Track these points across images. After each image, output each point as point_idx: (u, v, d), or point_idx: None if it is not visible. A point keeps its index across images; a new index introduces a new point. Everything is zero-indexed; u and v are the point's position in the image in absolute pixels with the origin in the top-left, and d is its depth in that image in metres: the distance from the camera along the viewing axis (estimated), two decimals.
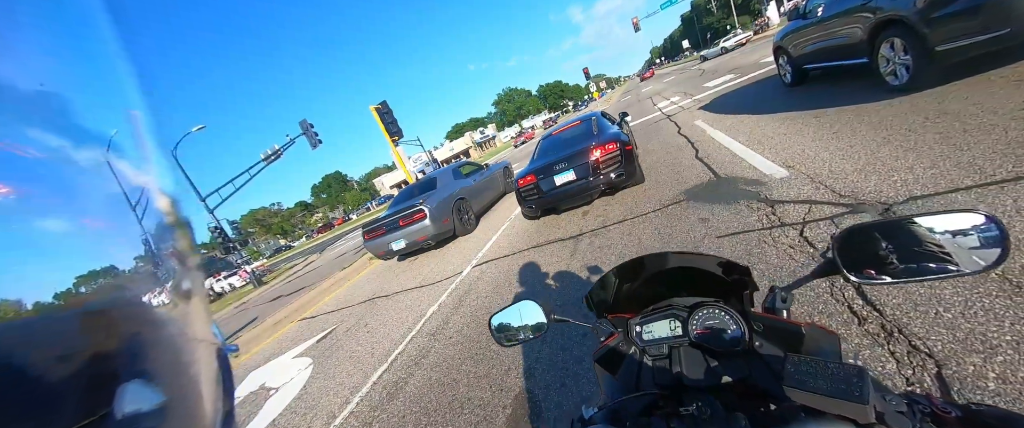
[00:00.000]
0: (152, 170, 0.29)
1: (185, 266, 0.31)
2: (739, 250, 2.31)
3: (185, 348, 0.28)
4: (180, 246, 0.31)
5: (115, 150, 0.26)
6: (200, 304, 0.32)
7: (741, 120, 5.16)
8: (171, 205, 0.31)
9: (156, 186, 0.29)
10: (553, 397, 1.90)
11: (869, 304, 1.53)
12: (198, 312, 0.31)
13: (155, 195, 0.29)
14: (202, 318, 0.32)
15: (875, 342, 1.37)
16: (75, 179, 0.23)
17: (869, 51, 3.83)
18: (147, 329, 0.26)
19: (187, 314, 0.30)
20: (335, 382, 3.23)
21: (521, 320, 0.90)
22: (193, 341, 0.29)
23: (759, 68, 9.20)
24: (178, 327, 0.28)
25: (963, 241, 0.52)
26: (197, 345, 0.30)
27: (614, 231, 3.61)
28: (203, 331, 0.31)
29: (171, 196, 0.31)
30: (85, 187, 0.23)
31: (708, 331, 0.69)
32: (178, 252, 0.30)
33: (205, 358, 0.30)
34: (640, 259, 0.77)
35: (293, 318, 6.57)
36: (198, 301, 0.31)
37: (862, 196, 2.26)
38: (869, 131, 3.10)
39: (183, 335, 0.28)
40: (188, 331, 0.29)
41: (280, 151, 18.04)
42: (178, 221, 0.31)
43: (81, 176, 0.23)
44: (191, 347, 0.29)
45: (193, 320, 0.30)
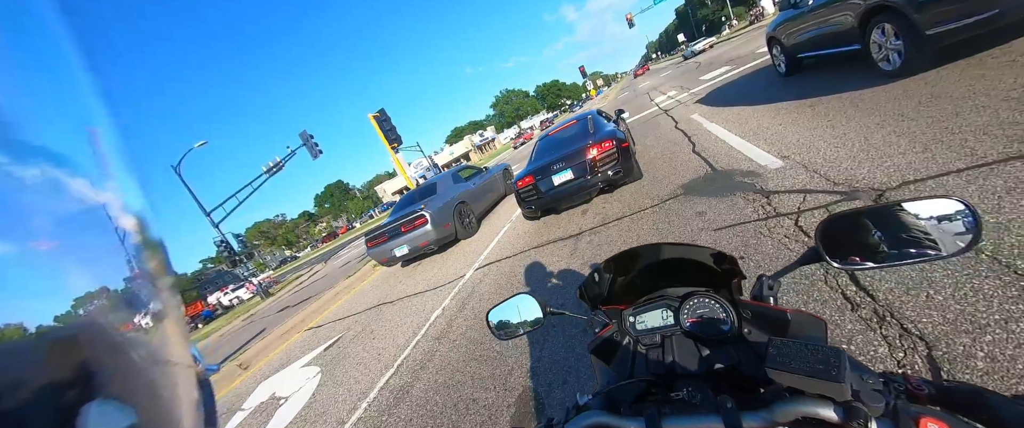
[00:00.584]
0: (115, 188, 0.28)
1: (157, 287, 0.30)
2: (736, 242, 2.33)
3: (160, 371, 0.27)
4: (150, 266, 0.29)
5: (69, 168, 0.25)
6: (175, 325, 0.31)
7: (737, 112, 5.16)
8: (138, 224, 0.29)
9: (119, 205, 0.28)
10: (556, 394, 1.93)
11: (862, 290, 1.55)
12: (174, 334, 0.30)
13: (118, 214, 0.28)
14: (179, 340, 0.31)
15: (868, 327, 1.39)
16: (19, 198, 0.21)
17: (861, 37, 3.83)
18: (116, 354, 0.24)
19: (162, 337, 0.29)
20: (343, 389, 3.28)
21: (518, 314, 0.93)
22: (169, 364, 0.28)
23: (755, 59, 9.18)
24: (152, 350, 0.27)
25: (940, 225, 0.54)
26: (174, 368, 0.29)
27: (613, 228, 3.63)
28: (180, 353, 0.30)
29: (137, 215, 0.29)
30: (32, 206, 0.22)
31: (699, 320, 0.72)
32: (148, 273, 0.29)
33: (183, 381, 0.29)
34: (632, 251, 0.80)
35: (300, 328, 6.63)
36: (173, 322, 0.30)
37: (856, 183, 2.27)
38: (863, 118, 3.11)
39: (157, 357, 0.27)
40: (163, 353, 0.28)
41: (281, 163, 18.20)
42: (147, 241, 0.30)
43: (26, 195, 0.22)
44: (167, 370, 0.28)
45: (168, 342, 0.29)
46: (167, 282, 0.31)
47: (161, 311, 0.29)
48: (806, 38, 4.89)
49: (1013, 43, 3.14)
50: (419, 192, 7.31)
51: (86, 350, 0.23)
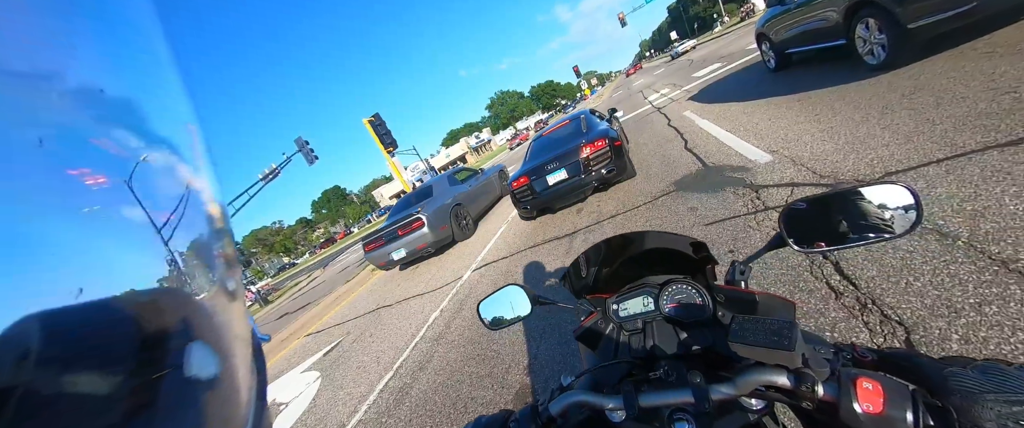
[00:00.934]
0: (208, 178, 0.32)
1: (231, 270, 0.34)
2: (726, 235, 2.37)
3: (232, 336, 0.31)
4: (228, 251, 0.34)
5: (180, 156, 0.29)
6: (242, 304, 0.36)
7: (728, 108, 5.22)
8: (221, 213, 0.33)
9: (210, 194, 0.32)
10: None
11: (845, 278, 1.59)
12: (240, 311, 0.35)
13: (208, 200, 0.32)
14: (243, 316, 0.35)
15: (850, 314, 1.43)
16: (151, 177, 0.26)
17: (846, 32, 3.90)
18: (206, 314, 0.29)
19: (232, 307, 0.33)
20: (343, 393, 3.29)
21: (507, 304, 0.96)
22: (237, 327, 0.33)
23: (746, 55, 9.27)
24: (228, 318, 0.32)
25: (892, 209, 0.59)
26: (240, 330, 0.33)
27: (608, 226, 3.67)
28: (242, 325, 0.35)
29: (221, 205, 0.34)
30: (160, 185, 0.27)
31: (678, 305, 0.76)
32: (226, 256, 0.33)
33: (245, 342, 0.34)
34: (610, 240, 0.84)
35: (300, 334, 6.63)
36: (240, 302, 0.35)
37: (841, 175, 2.32)
38: (848, 111, 3.17)
39: (231, 326, 0.32)
40: (234, 325, 0.32)
41: (277, 170, 18.17)
42: (225, 229, 0.34)
43: (156, 176, 0.26)
44: (236, 338, 0.32)
45: (236, 316, 0.33)
46: (238, 267, 0.36)
47: (234, 291, 0.34)
48: (793, 34, 4.96)
49: (994, 35, 3.21)
50: (415, 195, 7.33)
51: (187, 305, 0.27)
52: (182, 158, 0.30)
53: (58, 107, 0.22)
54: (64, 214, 0.21)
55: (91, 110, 0.24)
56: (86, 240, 0.22)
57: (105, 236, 0.22)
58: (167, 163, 0.28)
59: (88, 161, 0.23)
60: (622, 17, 39.86)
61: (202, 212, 0.32)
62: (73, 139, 0.23)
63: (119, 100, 0.26)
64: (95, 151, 0.23)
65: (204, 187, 0.32)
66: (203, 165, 0.33)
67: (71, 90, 0.23)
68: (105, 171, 0.23)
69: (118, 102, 0.26)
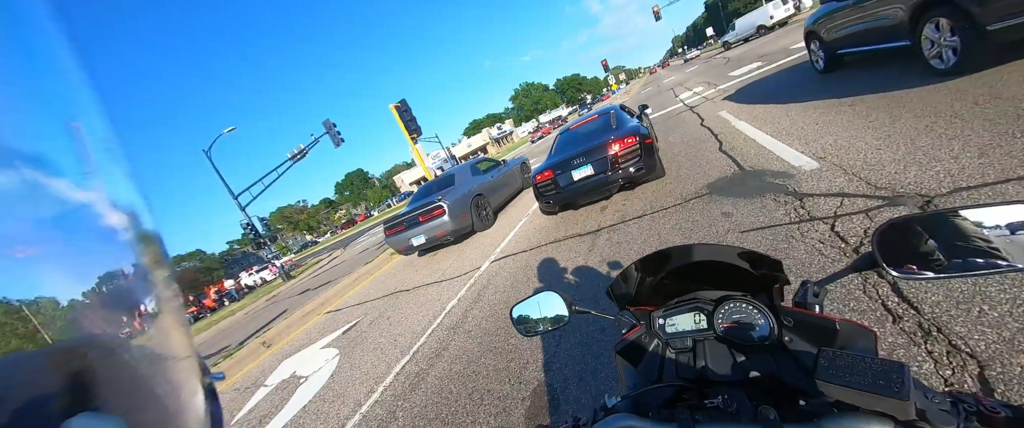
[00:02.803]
0: (99, 185, 0.26)
1: (152, 282, 0.28)
2: (765, 245, 2.24)
3: (158, 372, 0.26)
4: (145, 261, 0.27)
5: (48, 168, 0.23)
6: (175, 321, 0.29)
7: (768, 110, 4.94)
8: (129, 219, 0.27)
9: (106, 201, 0.26)
10: (572, 391, 1.92)
11: (905, 301, 1.46)
12: (174, 330, 0.28)
13: (106, 211, 0.26)
14: (179, 336, 0.29)
15: (911, 341, 1.31)
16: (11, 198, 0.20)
17: (911, 33, 3.59)
18: (108, 358, 0.23)
19: (161, 334, 0.27)
20: (360, 372, 3.36)
21: (542, 311, 0.91)
22: (168, 362, 0.27)
23: (788, 54, 8.75)
24: (149, 350, 0.26)
25: (1013, 235, 0.49)
26: (174, 366, 0.27)
27: (633, 226, 3.56)
28: (181, 349, 0.28)
29: (127, 209, 0.27)
30: (7, 212, 0.20)
31: (735, 325, 0.68)
32: (143, 268, 0.27)
33: (186, 380, 0.28)
34: (663, 251, 0.77)
35: (320, 311, 6.84)
36: (172, 319, 0.29)
37: (900, 188, 2.14)
38: (909, 118, 2.92)
39: (155, 357, 0.26)
40: (161, 352, 0.27)
41: (306, 150, 18.69)
42: (140, 234, 0.28)
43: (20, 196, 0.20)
44: (166, 369, 0.26)
45: (168, 340, 0.28)
46: (163, 275, 0.30)
47: (158, 307, 0.28)
48: (848, 33, 4.62)
49: None
50: (437, 183, 7.38)
51: (73, 358, 0.21)
52: (51, 169, 0.23)
53: None
54: None
55: None
56: None
57: None
58: (22, 180, 0.21)
59: None
60: (656, 11, 38.44)
61: (96, 227, 0.25)
62: None
63: None
64: None
65: (96, 195, 0.25)
66: (94, 168, 0.26)
67: None
68: None
69: None
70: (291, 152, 18.71)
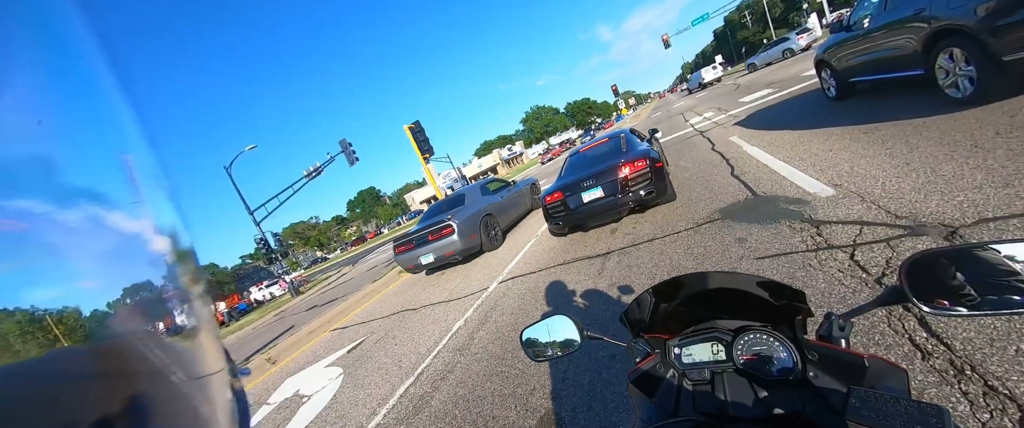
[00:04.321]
0: (148, 213, 0.28)
1: (190, 299, 0.30)
2: (781, 273, 2.18)
3: (196, 387, 0.27)
4: (183, 280, 0.29)
5: (104, 203, 0.24)
6: (209, 334, 0.31)
7: (781, 136, 4.93)
8: (170, 243, 0.29)
9: (152, 228, 0.28)
10: (580, 420, 1.84)
11: (934, 337, 1.39)
12: (208, 343, 0.30)
13: (151, 238, 0.27)
14: (213, 349, 0.31)
15: (943, 380, 1.24)
16: (61, 244, 0.21)
17: (925, 62, 3.58)
18: (154, 380, 0.24)
19: (197, 349, 0.29)
20: (364, 393, 3.30)
21: (552, 335, 0.90)
22: (204, 377, 0.29)
23: (799, 82, 8.80)
24: (188, 366, 0.27)
25: None
26: (209, 380, 0.29)
27: (643, 250, 3.51)
28: (214, 362, 0.31)
29: (169, 233, 0.29)
30: (73, 250, 0.22)
31: (755, 358, 0.66)
32: (181, 289, 0.29)
33: (218, 391, 0.30)
34: (679, 278, 0.75)
35: (326, 328, 6.81)
36: (207, 332, 0.31)
37: (922, 217, 2.08)
38: (928, 147, 2.87)
39: (194, 372, 0.28)
40: (199, 367, 0.28)
41: (321, 168, 19.20)
42: (179, 254, 0.30)
43: (68, 239, 0.22)
44: (203, 384, 0.28)
45: (204, 354, 0.29)
46: (199, 291, 0.31)
47: (196, 323, 0.29)
48: (860, 61, 4.63)
49: None
50: (447, 202, 7.44)
51: (124, 380, 0.23)
52: (109, 204, 0.25)
53: None
54: None
55: None
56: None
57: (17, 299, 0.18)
58: (81, 218, 0.23)
59: None
60: (666, 39, 39.38)
61: (146, 253, 0.27)
62: None
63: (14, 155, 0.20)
64: None
65: (143, 224, 0.27)
66: (143, 197, 0.28)
67: None
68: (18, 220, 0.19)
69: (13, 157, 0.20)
70: (307, 170, 19.23)
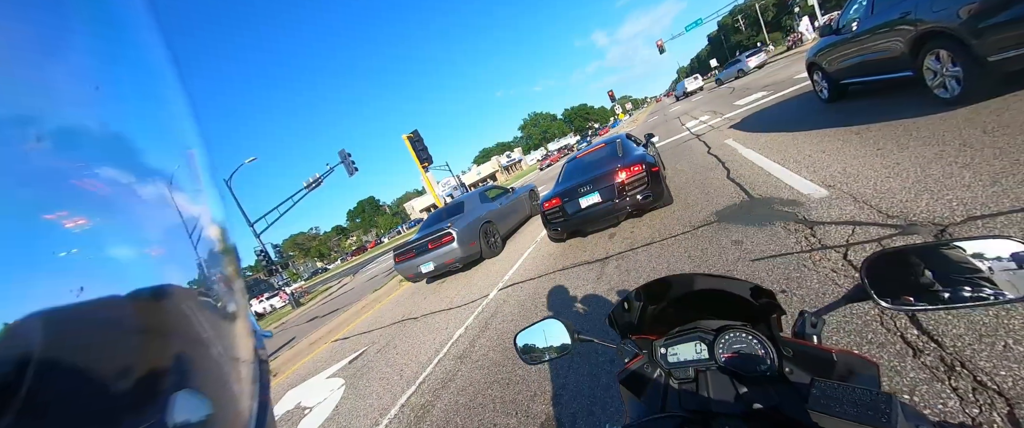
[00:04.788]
0: (206, 201, 0.32)
1: (233, 288, 0.33)
2: (777, 274, 2.20)
3: (232, 365, 0.30)
4: (228, 270, 0.33)
5: (175, 185, 0.29)
6: (244, 322, 0.34)
7: (775, 138, 4.98)
8: (221, 233, 0.33)
9: (209, 216, 0.32)
10: (580, 425, 1.85)
11: (925, 334, 1.41)
12: (242, 330, 0.34)
13: (207, 224, 0.32)
14: (246, 335, 0.34)
15: (933, 376, 1.26)
16: (141, 211, 0.26)
17: (913, 64, 3.65)
18: (200, 348, 0.28)
19: (234, 332, 0.32)
20: (365, 403, 3.30)
21: (546, 339, 0.92)
22: (238, 360, 0.32)
23: (793, 84, 8.90)
24: (227, 345, 0.30)
25: (1003, 266, 0.51)
26: (242, 364, 0.32)
27: (642, 254, 3.53)
28: (247, 349, 0.34)
29: (221, 225, 0.33)
30: (150, 218, 0.27)
31: (736, 355, 0.69)
32: (227, 275, 0.33)
33: (247, 376, 0.33)
34: (663, 280, 0.79)
35: (327, 339, 6.79)
36: (243, 320, 0.34)
37: (913, 216, 2.11)
38: (918, 147, 2.91)
39: (230, 352, 0.31)
40: (235, 349, 0.31)
41: (321, 179, 19.28)
42: (226, 247, 0.34)
43: (146, 208, 0.26)
44: (237, 365, 0.31)
45: (239, 338, 0.33)
46: (240, 284, 0.35)
47: (235, 310, 0.33)
48: (851, 64, 4.71)
49: None
50: (446, 210, 7.47)
51: (178, 343, 0.26)
52: (176, 185, 0.29)
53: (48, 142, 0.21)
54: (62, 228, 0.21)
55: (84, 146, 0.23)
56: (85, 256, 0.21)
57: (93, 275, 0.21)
58: (159, 192, 0.27)
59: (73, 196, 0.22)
60: (660, 45, 39.85)
61: (202, 237, 0.31)
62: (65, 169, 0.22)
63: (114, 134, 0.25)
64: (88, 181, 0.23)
65: (202, 209, 0.31)
66: (203, 187, 0.32)
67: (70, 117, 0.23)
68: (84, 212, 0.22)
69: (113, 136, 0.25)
70: (306, 181, 19.31)
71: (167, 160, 0.30)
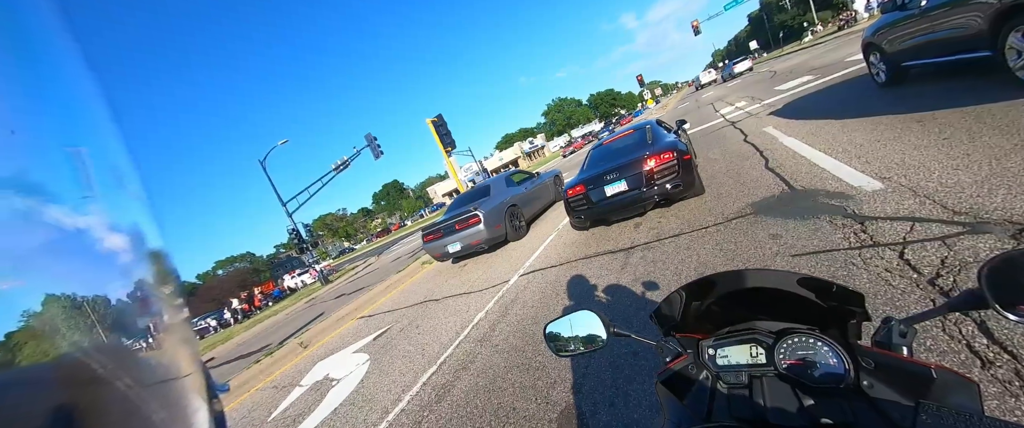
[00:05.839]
0: (99, 209, 0.25)
1: (150, 301, 0.27)
2: (820, 272, 2.05)
3: (156, 396, 0.25)
4: (149, 280, 0.27)
5: (41, 196, 0.22)
6: (180, 337, 0.28)
7: (821, 126, 4.62)
8: (129, 241, 0.27)
9: (104, 224, 0.25)
10: (602, 416, 1.83)
11: (997, 344, 1.27)
12: (179, 345, 0.28)
13: (103, 235, 0.25)
14: (183, 354, 0.28)
15: (1007, 391, 1.13)
16: None
17: (992, 43, 3.24)
18: (96, 383, 0.22)
19: (167, 352, 0.27)
20: (389, 379, 3.42)
21: (576, 330, 0.88)
22: (174, 382, 0.26)
23: (844, 67, 8.19)
24: (155, 371, 0.25)
25: None
26: (180, 385, 0.27)
27: (669, 245, 3.41)
28: (187, 364, 0.28)
29: (130, 231, 0.27)
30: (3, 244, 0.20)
31: (800, 362, 0.62)
32: (139, 291, 0.26)
33: (192, 397, 0.28)
34: (711, 277, 0.71)
35: (353, 316, 7.09)
36: (178, 335, 0.28)
37: (984, 213, 1.90)
38: (992, 136, 2.60)
39: (161, 376, 0.26)
40: (168, 372, 0.26)
41: (348, 161, 19.83)
42: (146, 252, 0.27)
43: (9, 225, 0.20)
44: (166, 390, 0.26)
45: (171, 359, 0.27)
46: (167, 292, 0.29)
47: (163, 326, 0.27)
48: (915, 44, 4.25)
49: None
50: (473, 193, 7.60)
51: (60, 390, 0.21)
52: (45, 197, 0.22)
53: None
54: None
55: None
56: None
57: None
58: (12, 210, 0.20)
59: None
60: (696, 25, 37.66)
61: (93, 253, 0.24)
62: None
63: None
64: None
65: (92, 220, 0.24)
66: (95, 192, 0.25)
67: None
68: None
69: None
70: (335, 163, 19.91)
71: (30, 166, 0.22)
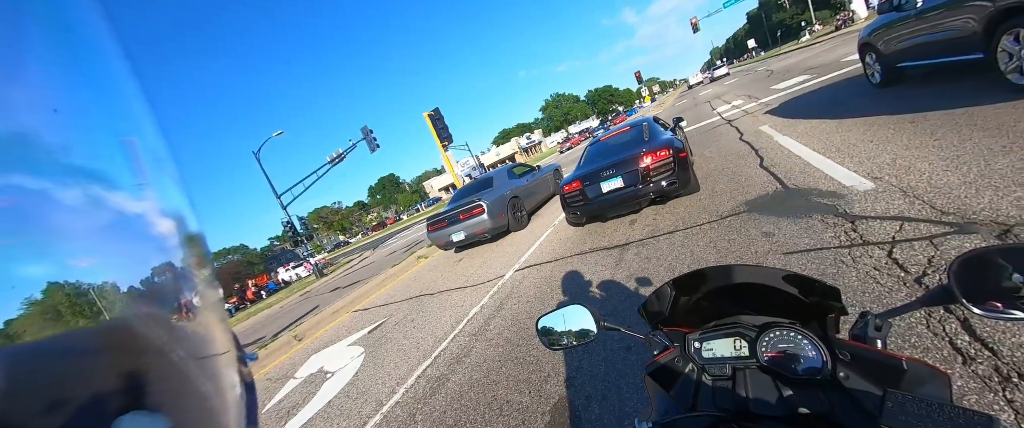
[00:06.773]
0: (151, 194, 0.28)
1: (196, 281, 0.29)
2: (810, 269, 2.09)
3: (200, 368, 0.27)
4: (190, 262, 0.29)
5: (106, 183, 0.25)
6: (216, 317, 0.30)
7: (816, 125, 4.66)
8: (176, 225, 0.29)
9: (156, 210, 0.28)
10: (594, 409, 1.86)
11: (978, 340, 1.30)
12: (214, 326, 0.30)
13: (155, 220, 0.28)
14: (219, 331, 0.30)
15: (986, 386, 1.16)
16: (56, 221, 0.21)
17: (986, 45, 3.28)
18: (154, 357, 0.24)
19: (203, 330, 0.29)
20: (383, 372, 3.43)
21: (569, 324, 0.90)
22: (209, 359, 0.28)
23: (840, 67, 8.25)
24: (192, 347, 0.27)
25: None
26: (214, 362, 0.29)
27: (664, 242, 3.44)
28: (221, 344, 0.30)
29: (174, 216, 0.29)
30: (73, 228, 0.22)
31: (781, 355, 0.64)
32: (187, 268, 0.29)
33: (225, 375, 0.29)
34: (701, 271, 0.73)
35: (349, 309, 7.08)
36: (213, 315, 0.30)
37: (972, 214, 1.93)
38: (982, 138, 2.65)
39: (198, 353, 0.27)
40: (204, 348, 0.28)
41: (344, 154, 19.66)
42: (186, 236, 0.30)
43: (68, 216, 0.22)
44: (207, 366, 0.28)
45: (210, 335, 0.29)
46: (206, 275, 0.31)
47: (202, 303, 0.29)
48: (911, 45, 4.29)
49: None
50: (477, 185, 7.76)
51: (124, 356, 0.23)
52: (109, 184, 0.25)
53: None
54: None
55: None
56: None
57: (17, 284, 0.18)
58: (85, 196, 0.23)
59: None
60: (694, 22, 37.60)
61: (148, 234, 0.27)
62: None
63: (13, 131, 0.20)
64: None
65: (148, 204, 0.27)
66: (147, 179, 0.28)
67: None
68: None
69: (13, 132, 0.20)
70: (330, 156, 19.74)
71: (94, 156, 0.25)
